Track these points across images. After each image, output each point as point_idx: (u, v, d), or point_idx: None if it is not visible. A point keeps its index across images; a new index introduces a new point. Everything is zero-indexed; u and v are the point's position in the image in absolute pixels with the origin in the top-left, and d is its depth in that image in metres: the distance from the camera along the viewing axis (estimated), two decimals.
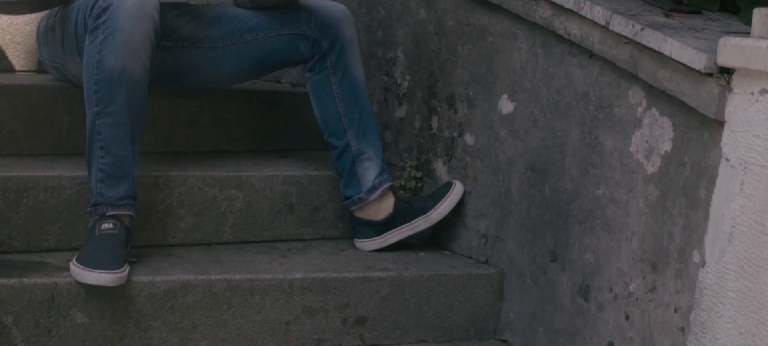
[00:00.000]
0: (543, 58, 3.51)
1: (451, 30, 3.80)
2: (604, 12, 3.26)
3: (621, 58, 3.23)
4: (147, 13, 3.31)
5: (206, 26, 3.73)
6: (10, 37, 3.92)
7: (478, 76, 3.71)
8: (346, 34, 3.70)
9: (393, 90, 4.02)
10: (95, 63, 3.30)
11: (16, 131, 3.61)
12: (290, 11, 3.71)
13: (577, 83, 3.41)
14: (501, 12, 3.63)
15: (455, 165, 3.79)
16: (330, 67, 3.70)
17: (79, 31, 3.42)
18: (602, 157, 3.31)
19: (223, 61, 3.72)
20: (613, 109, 3.29)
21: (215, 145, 3.94)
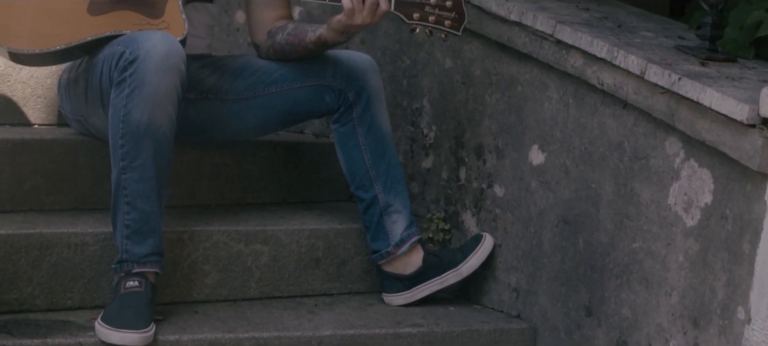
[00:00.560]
0: (575, 108, 3.41)
1: (479, 79, 3.70)
2: (638, 61, 3.17)
3: (657, 108, 3.14)
4: (174, 65, 3.21)
5: (230, 78, 3.63)
6: (30, 90, 3.83)
7: (507, 127, 3.61)
8: (372, 85, 3.60)
9: (419, 140, 3.92)
10: (121, 116, 3.20)
11: (38, 186, 3.51)
12: (315, 62, 3.61)
13: (611, 134, 3.31)
14: (530, 61, 3.54)
15: (484, 217, 3.69)
16: (356, 119, 3.60)
17: (103, 83, 3.32)
18: (638, 210, 3.21)
19: (247, 114, 3.62)
20: (650, 161, 3.19)
21: (239, 197, 3.83)
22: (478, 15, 3.64)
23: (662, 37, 3.49)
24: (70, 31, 3.35)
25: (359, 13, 3.38)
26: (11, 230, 3.25)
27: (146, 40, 3.21)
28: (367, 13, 3.38)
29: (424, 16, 3.43)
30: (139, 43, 3.21)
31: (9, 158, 3.47)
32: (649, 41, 3.41)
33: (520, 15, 3.51)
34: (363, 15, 3.38)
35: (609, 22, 3.57)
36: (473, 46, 3.72)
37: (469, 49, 3.73)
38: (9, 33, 3.33)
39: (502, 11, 3.56)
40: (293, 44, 3.57)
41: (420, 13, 3.43)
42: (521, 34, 3.52)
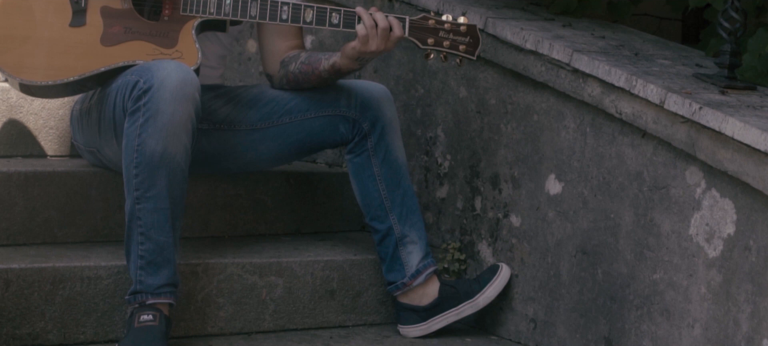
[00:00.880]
0: (592, 137, 3.35)
1: (494, 108, 3.64)
2: (658, 90, 3.11)
3: (677, 137, 3.07)
4: (189, 94, 3.16)
5: (243, 108, 3.58)
6: (42, 121, 3.77)
7: (523, 156, 3.55)
8: (386, 115, 3.54)
9: (433, 170, 3.85)
10: (135, 146, 3.14)
11: (51, 219, 3.45)
12: (329, 92, 3.55)
13: (630, 163, 3.24)
14: (546, 90, 3.48)
15: (501, 247, 3.62)
16: (371, 149, 3.53)
17: (117, 113, 3.26)
18: (659, 240, 3.14)
19: (260, 144, 3.56)
20: (670, 191, 3.13)
21: (253, 228, 3.77)
22: (492, 43, 3.58)
23: (680, 65, 3.43)
24: (83, 62, 3.29)
25: (373, 40, 3.32)
26: (24, 264, 3.19)
27: (160, 69, 3.16)
28: (380, 39, 3.33)
29: (439, 41, 3.38)
30: (153, 72, 3.16)
31: (22, 191, 3.41)
32: (667, 69, 3.35)
33: (535, 44, 3.45)
34: (377, 41, 3.33)
35: (625, 50, 3.51)
36: (488, 74, 3.66)
37: (484, 77, 3.68)
38: (22, 65, 3.27)
39: (518, 40, 3.51)
40: (307, 73, 3.52)
41: (434, 38, 3.38)
42: (537, 62, 3.46)
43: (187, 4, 3.32)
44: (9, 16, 3.27)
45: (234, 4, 3.33)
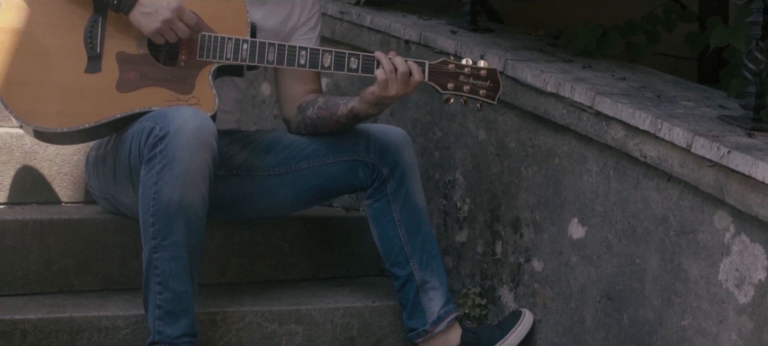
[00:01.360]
0: (616, 181, 3.24)
1: (514, 151, 3.54)
2: (684, 134, 3.00)
3: (705, 181, 2.97)
4: (205, 141, 3.06)
5: (260, 153, 3.48)
6: (57, 167, 3.68)
7: (544, 200, 3.44)
8: (406, 159, 3.44)
9: (452, 214, 3.74)
10: (152, 194, 3.04)
11: (67, 267, 3.35)
12: (348, 136, 3.45)
13: (655, 207, 3.13)
14: (568, 133, 3.38)
15: (523, 292, 3.51)
16: (390, 194, 3.43)
17: (133, 161, 3.16)
18: (687, 286, 3.03)
19: (278, 190, 3.46)
20: (697, 235, 3.01)
21: (270, 274, 3.67)
22: (512, 86, 3.49)
23: (703, 107, 3.33)
24: (98, 108, 3.20)
25: (393, 84, 3.23)
26: (41, 314, 3.09)
27: (177, 116, 3.06)
28: (400, 84, 3.23)
29: (459, 85, 3.28)
30: (170, 118, 3.06)
31: (37, 239, 3.31)
32: (691, 111, 3.25)
33: (556, 86, 3.35)
34: (397, 86, 3.23)
35: (647, 91, 3.41)
36: (507, 117, 3.56)
37: (504, 120, 3.57)
38: (37, 112, 3.18)
39: (538, 82, 3.41)
40: (324, 118, 3.42)
41: (454, 82, 3.28)
42: (558, 105, 3.36)
43: (203, 49, 3.23)
44: (24, 63, 3.18)
45: (251, 49, 3.24)
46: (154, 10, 3.15)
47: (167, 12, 3.14)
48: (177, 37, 3.17)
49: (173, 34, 3.17)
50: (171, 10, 3.14)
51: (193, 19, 3.18)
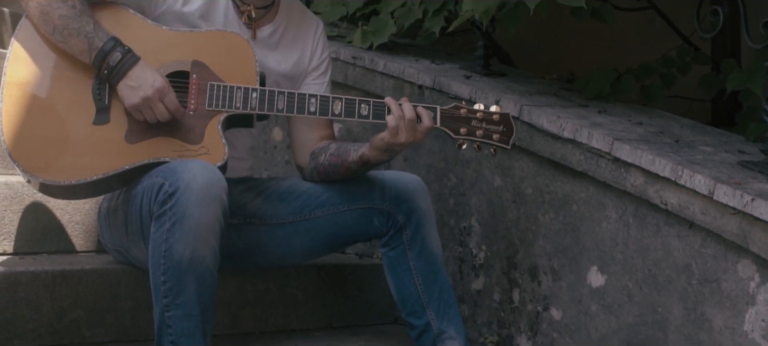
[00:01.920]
0: (636, 228, 3.11)
1: (531, 198, 3.41)
2: (706, 181, 2.88)
3: (728, 229, 2.84)
4: (216, 195, 2.93)
5: (274, 202, 3.35)
6: (68, 216, 3.56)
7: (562, 247, 3.31)
8: (421, 207, 3.30)
9: (468, 261, 3.61)
10: (162, 252, 2.91)
11: (79, 319, 3.23)
12: (362, 184, 3.32)
13: (677, 255, 3.00)
14: (585, 179, 3.25)
15: (541, 341, 3.37)
16: (406, 242, 3.29)
17: (143, 216, 3.04)
18: (711, 336, 2.89)
19: (293, 239, 3.33)
20: (721, 284, 2.88)
21: (284, 324, 3.54)
22: (528, 132, 3.36)
23: (723, 152, 3.20)
24: (107, 160, 3.07)
25: (403, 131, 3.10)
26: None
27: (186, 171, 2.93)
28: (410, 131, 3.10)
29: (472, 130, 3.15)
30: (179, 173, 2.93)
31: (49, 291, 3.19)
32: (711, 157, 3.12)
33: (574, 132, 3.23)
34: (406, 132, 3.10)
35: (665, 136, 3.28)
36: (523, 163, 3.44)
37: (519, 166, 3.45)
38: (44, 165, 3.06)
39: (555, 128, 3.28)
40: (336, 165, 3.30)
41: (467, 127, 3.15)
42: (575, 151, 3.24)
43: (212, 98, 3.11)
44: (31, 116, 3.06)
45: (260, 97, 3.12)
46: (139, 86, 3.03)
47: (150, 90, 3.02)
48: (155, 118, 3.05)
49: (152, 113, 3.05)
50: (154, 89, 3.02)
51: (174, 104, 3.06)
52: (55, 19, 3.05)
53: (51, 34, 3.06)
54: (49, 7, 3.04)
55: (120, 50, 3.04)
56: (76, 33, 3.04)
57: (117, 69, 3.04)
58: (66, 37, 3.05)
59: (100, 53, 3.04)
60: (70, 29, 3.04)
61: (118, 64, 3.03)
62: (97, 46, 3.04)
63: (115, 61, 3.03)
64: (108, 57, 3.04)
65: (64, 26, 3.04)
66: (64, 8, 3.04)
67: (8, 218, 3.46)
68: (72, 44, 3.05)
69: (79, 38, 3.04)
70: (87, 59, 3.05)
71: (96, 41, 3.04)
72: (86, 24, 3.05)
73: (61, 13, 3.04)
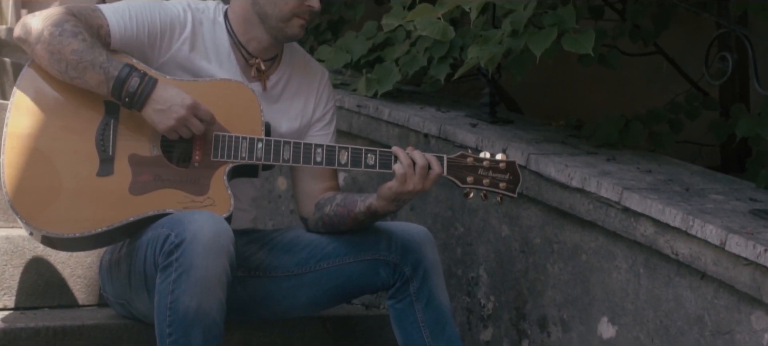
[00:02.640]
0: (646, 279, 3.08)
1: (539, 247, 3.38)
2: (717, 231, 2.84)
3: (741, 280, 2.81)
4: (223, 247, 2.90)
5: (279, 253, 3.32)
6: (70, 270, 3.53)
7: (572, 298, 3.28)
8: (429, 258, 3.26)
9: (476, 312, 3.57)
10: (168, 303, 2.88)
11: None
12: (368, 235, 3.29)
13: (689, 306, 2.97)
14: (594, 228, 3.22)
15: None
16: (413, 294, 3.25)
17: (148, 268, 3.00)
18: None
19: (298, 291, 3.30)
20: (734, 336, 2.85)
21: None
22: (536, 181, 3.34)
23: (734, 200, 3.17)
24: (111, 212, 3.04)
25: (411, 179, 3.07)
26: None
27: (192, 222, 2.90)
28: (419, 179, 3.07)
29: (478, 179, 3.12)
30: (185, 224, 2.90)
31: None
32: (722, 206, 3.09)
33: (582, 181, 3.20)
34: (415, 180, 3.07)
35: (675, 185, 3.25)
36: (531, 212, 3.41)
37: (527, 215, 3.42)
38: (47, 217, 3.02)
39: (563, 177, 3.26)
40: (342, 216, 3.26)
41: (473, 176, 3.12)
42: (584, 200, 3.21)
43: (217, 149, 3.08)
44: (33, 167, 3.03)
45: (266, 148, 3.09)
46: (168, 107, 3.01)
47: (182, 109, 3.00)
48: (191, 134, 3.03)
49: (188, 130, 3.02)
50: (185, 107, 3.00)
51: (208, 113, 3.04)
52: (67, 54, 3.01)
53: (64, 72, 3.03)
54: (60, 45, 3.02)
55: (137, 75, 3.02)
56: (91, 65, 3.01)
57: (138, 94, 3.00)
58: (81, 72, 3.02)
59: (118, 81, 3.01)
60: (84, 63, 3.01)
61: (138, 89, 3.00)
62: (113, 74, 3.01)
63: (134, 86, 3.00)
64: (126, 83, 3.01)
65: (78, 61, 3.01)
66: (76, 43, 3.01)
67: (9, 272, 3.42)
68: (88, 78, 3.02)
69: (94, 70, 3.01)
70: (105, 90, 3.02)
71: (111, 70, 3.01)
72: (99, 55, 3.02)
73: (73, 48, 3.01)
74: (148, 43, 3.12)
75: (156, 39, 3.13)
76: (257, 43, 3.24)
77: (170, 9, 3.18)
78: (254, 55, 3.24)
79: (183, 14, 3.19)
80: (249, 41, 3.23)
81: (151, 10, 3.14)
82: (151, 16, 3.13)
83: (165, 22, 3.15)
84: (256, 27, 3.21)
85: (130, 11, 3.12)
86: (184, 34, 3.17)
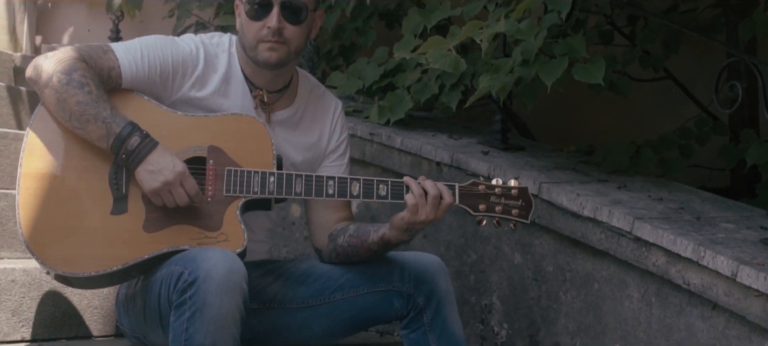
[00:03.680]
0: (658, 308, 3.08)
1: (551, 276, 3.38)
2: (728, 262, 2.84)
3: (752, 311, 2.80)
4: (236, 284, 2.90)
5: (293, 285, 3.32)
6: (86, 302, 3.54)
7: (585, 326, 3.27)
8: (442, 288, 3.26)
9: (490, 339, 3.57)
10: (183, 341, 2.89)
11: None
12: (381, 265, 3.29)
13: (701, 336, 2.96)
14: (606, 257, 3.22)
15: None
16: (427, 324, 3.25)
17: (162, 305, 3.01)
18: None
19: (312, 322, 3.30)
20: None
21: None
22: (548, 209, 3.33)
23: (744, 229, 3.16)
24: (126, 250, 3.05)
25: (423, 209, 3.07)
26: None
27: (205, 259, 2.91)
28: (431, 208, 3.07)
29: (491, 206, 3.11)
30: (198, 262, 2.91)
31: None
32: (733, 235, 3.08)
33: (594, 210, 3.20)
34: (427, 210, 3.07)
35: (686, 213, 3.25)
36: (544, 240, 3.41)
37: (540, 243, 3.42)
38: (62, 257, 3.03)
39: (575, 206, 3.25)
40: (356, 246, 3.27)
41: (486, 204, 3.12)
42: (596, 230, 3.21)
43: (230, 184, 3.09)
44: (48, 208, 3.04)
45: (278, 181, 3.10)
46: (158, 170, 3.02)
47: (170, 174, 3.01)
48: (174, 203, 3.03)
49: (171, 198, 3.03)
50: (174, 173, 3.01)
51: (194, 188, 3.04)
52: (72, 105, 3.03)
53: (68, 121, 3.05)
54: (66, 93, 3.03)
55: (138, 135, 3.03)
56: (94, 119, 3.03)
57: (135, 153, 3.02)
58: (83, 124, 3.04)
59: (118, 138, 3.02)
60: (87, 115, 3.03)
61: (136, 149, 3.02)
62: (115, 131, 3.03)
63: (133, 145, 3.02)
64: (126, 142, 3.02)
65: (82, 113, 3.03)
66: (81, 94, 3.03)
67: (27, 304, 3.44)
68: (89, 130, 3.04)
69: (97, 124, 3.03)
70: (105, 145, 3.04)
71: (114, 126, 3.03)
72: (103, 109, 3.03)
73: (77, 99, 3.03)
74: (160, 82, 3.13)
75: (168, 78, 3.14)
76: (258, 75, 3.24)
77: (182, 47, 3.19)
78: (259, 86, 3.24)
79: (195, 51, 3.19)
80: (252, 74, 3.24)
81: (163, 49, 3.15)
82: (163, 55, 3.14)
83: (177, 61, 3.16)
84: (248, 60, 3.23)
85: (142, 51, 3.13)
86: (197, 72, 3.18)
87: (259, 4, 3.15)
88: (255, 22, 3.16)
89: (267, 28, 3.14)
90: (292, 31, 3.17)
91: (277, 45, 3.16)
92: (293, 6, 3.16)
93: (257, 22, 3.15)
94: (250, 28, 3.17)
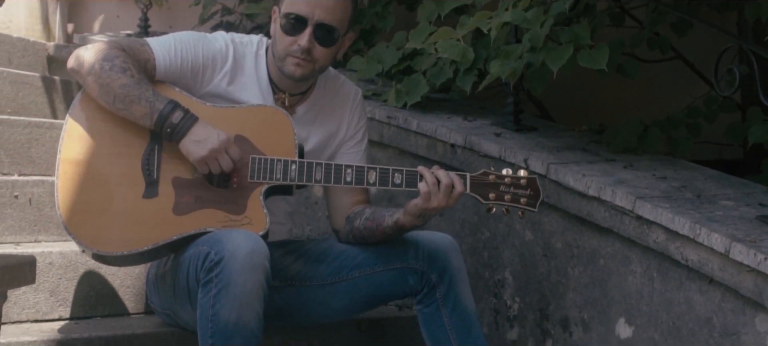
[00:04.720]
0: (659, 282, 3.30)
1: (560, 252, 3.61)
2: (722, 240, 3.06)
3: (744, 286, 3.02)
4: (258, 263, 3.16)
5: (313, 264, 3.57)
6: (120, 281, 3.80)
7: (591, 299, 3.51)
8: (454, 265, 3.50)
9: (503, 312, 3.82)
10: (210, 317, 3.14)
11: None
12: (397, 245, 3.53)
13: (699, 309, 3.19)
14: (611, 235, 3.44)
15: None
16: (440, 299, 3.50)
17: (190, 282, 3.27)
18: None
19: (331, 299, 3.55)
20: (741, 337, 3.06)
21: None
22: (556, 189, 3.56)
23: (743, 206, 3.38)
24: (157, 232, 3.31)
25: (435, 197, 3.30)
26: None
27: (230, 240, 3.16)
28: (443, 196, 3.30)
29: (500, 195, 3.34)
30: (224, 243, 3.16)
31: None
32: (730, 212, 3.30)
33: (598, 190, 3.43)
34: (439, 198, 3.30)
35: (688, 192, 3.47)
36: (552, 218, 3.64)
37: (549, 221, 3.65)
38: (98, 237, 3.30)
39: (580, 186, 3.48)
40: (371, 229, 3.51)
41: (495, 193, 3.34)
42: (601, 208, 3.43)
43: (254, 171, 3.34)
44: (86, 192, 3.31)
45: (300, 169, 3.34)
46: (204, 139, 3.27)
47: (216, 142, 3.26)
48: (220, 169, 3.29)
49: (217, 164, 3.28)
50: (220, 141, 3.27)
51: (238, 153, 3.30)
52: (116, 88, 3.29)
53: (112, 104, 3.31)
54: (110, 78, 3.29)
55: (181, 110, 3.29)
56: (138, 99, 3.29)
57: (179, 127, 3.28)
58: (127, 105, 3.30)
59: (162, 115, 3.28)
60: (131, 96, 3.29)
61: (180, 123, 3.28)
62: (158, 108, 3.29)
63: (177, 120, 3.28)
64: (169, 117, 3.28)
65: (126, 95, 3.29)
66: (124, 78, 3.29)
67: (63, 285, 3.71)
68: (134, 110, 3.30)
69: (141, 103, 3.29)
70: (148, 122, 3.30)
71: (157, 104, 3.29)
72: (146, 90, 3.30)
73: (121, 82, 3.29)
74: (190, 76, 3.39)
75: (198, 72, 3.40)
76: (283, 80, 3.47)
77: (213, 43, 3.44)
78: (282, 89, 3.49)
79: (225, 49, 3.45)
80: (278, 78, 3.48)
81: (194, 44, 3.41)
82: (195, 50, 3.40)
83: (207, 57, 3.41)
84: (275, 65, 3.47)
85: (176, 46, 3.39)
86: (225, 68, 3.43)
87: (295, 20, 3.38)
88: (288, 36, 3.39)
89: (298, 45, 3.37)
90: (320, 52, 3.40)
91: (303, 62, 3.39)
92: (327, 28, 3.39)
93: (290, 36, 3.39)
94: (282, 40, 3.41)
